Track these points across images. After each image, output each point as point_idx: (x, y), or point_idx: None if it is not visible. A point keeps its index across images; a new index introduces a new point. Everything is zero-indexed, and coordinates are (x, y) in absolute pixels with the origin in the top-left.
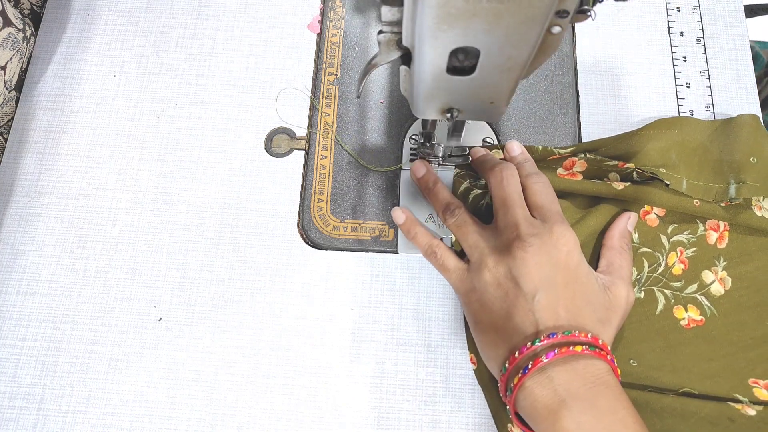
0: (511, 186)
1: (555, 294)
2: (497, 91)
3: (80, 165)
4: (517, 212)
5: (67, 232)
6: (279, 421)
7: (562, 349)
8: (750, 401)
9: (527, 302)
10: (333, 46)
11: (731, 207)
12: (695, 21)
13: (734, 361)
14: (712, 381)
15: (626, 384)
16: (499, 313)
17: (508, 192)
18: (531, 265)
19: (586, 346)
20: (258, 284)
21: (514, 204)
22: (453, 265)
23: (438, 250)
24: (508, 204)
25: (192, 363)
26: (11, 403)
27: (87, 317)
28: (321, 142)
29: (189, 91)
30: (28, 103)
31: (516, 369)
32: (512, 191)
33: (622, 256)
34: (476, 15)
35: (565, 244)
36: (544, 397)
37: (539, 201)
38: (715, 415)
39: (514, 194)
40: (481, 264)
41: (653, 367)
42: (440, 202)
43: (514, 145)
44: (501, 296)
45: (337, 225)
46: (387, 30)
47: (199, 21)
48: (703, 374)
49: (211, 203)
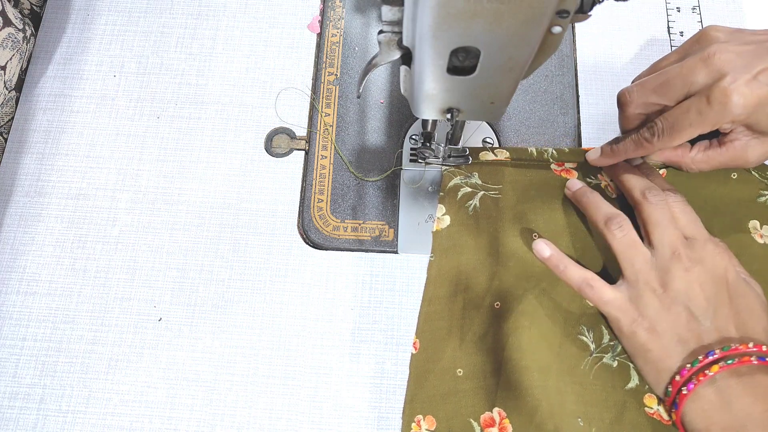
0: (664, 208)
1: (724, 313)
2: (497, 91)
3: (80, 165)
4: (672, 234)
5: (67, 232)
6: (279, 421)
7: (736, 360)
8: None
9: (699, 325)
10: (333, 46)
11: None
12: (695, 21)
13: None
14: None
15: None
16: (670, 340)
17: (660, 213)
18: (697, 287)
19: (758, 357)
20: (258, 284)
21: (670, 225)
22: (611, 296)
23: (594, 283)
24: (663, 225)
25: (192, 363)
26: (11, 403)
27: (87, 317)
28: (321, 143)
29: (189, 91)
30: (28, 103)
31: (686, 382)
32: (665, 214)
33: (659, 210)
34: (476, 15)
35: (722, 260)
36: (723, 421)
37: (684, 220)
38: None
39: (667, 215)
40: (647, 290)
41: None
42: (603, 213)
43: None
44: (672, 321)
45: (337, 225)
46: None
47: (199, 21)
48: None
49: (211, 203)
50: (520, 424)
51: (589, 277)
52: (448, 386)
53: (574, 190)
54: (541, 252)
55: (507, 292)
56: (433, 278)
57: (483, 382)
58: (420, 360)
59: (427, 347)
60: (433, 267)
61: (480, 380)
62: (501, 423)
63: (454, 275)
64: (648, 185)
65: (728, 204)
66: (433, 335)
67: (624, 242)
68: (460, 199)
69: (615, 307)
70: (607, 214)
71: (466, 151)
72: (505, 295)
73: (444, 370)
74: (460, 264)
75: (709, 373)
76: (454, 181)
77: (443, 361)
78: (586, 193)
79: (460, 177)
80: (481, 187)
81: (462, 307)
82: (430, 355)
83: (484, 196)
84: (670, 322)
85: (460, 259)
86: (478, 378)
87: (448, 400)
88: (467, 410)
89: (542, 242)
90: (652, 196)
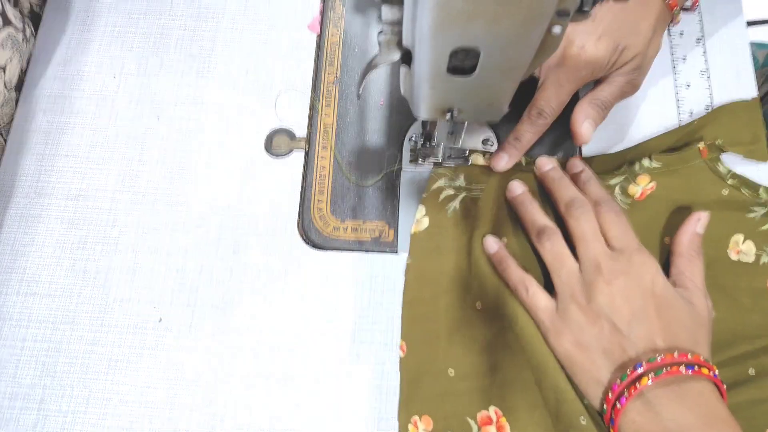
0: (587, 222)
1: (649, 324)
2: (497, 91)
3: (80, 166)
4: (596, 247)
5: (67, 233)
6: (279, 421)
7: (664, 372)
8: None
9: (623, 337)
10: (333, 46)
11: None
12: (695, 21)
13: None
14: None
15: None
16: (595, 353)
17: (584, 228)
18: (620, 300)
19: (686, 366)
20: (258, 285)
21: (593, 239)
22: (544, 304)
23: (530, 286)
24: (586, 239)
25: (192, 363)
26: (11, 404)
27: (87, 318)
28: (321, 143)
29: (189, 91)
30: (27, 104)
31: (618, 397)
32: (588, 228)
33: (692, 263)
34: (476, 15)
35: (647, 271)
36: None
37: (613, 232)
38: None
39: (590, 230)
40: (572, 303)
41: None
42: (536, 224)
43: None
44: (596, 335)
45: (337, 225)
46: (387, 30)
47: (198, 22)
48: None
49: (211, 204)
50: (518, 422)
51: (527, 279)
52: (443, 386)
53: (515, 194)
54: (489, 248)
55: (487, 292)
56: (414, 280)
57: (477, 382)
58: (410, 362)
59: (416, 350)
60: (411, 269)
61: (474, 380)
62: (498, 422)
63: (436, 277)
64: (572, 197)
65: (716, 214)
66: (421, 337)
67: (552, 254)
68: (442, 201)
69: (545, 317)
70: (539, 225)
71: (466, 151)
72: (485, 296)
73: (436, 371)
74: (441, 265)
75: (639, 387)
76: (439, 183)
77: (434, 363)
78: (524, 202)
79: (446, 179)
80: (464, 189)
81: (446, 308)
82: (421, 357)
83: (465, 198)
84: (594, 335)
85: (441, 260)
86: (472, 378)
87: (444, 400)
88: (464, 409)
89: (491, 239)
90: (574, 210)
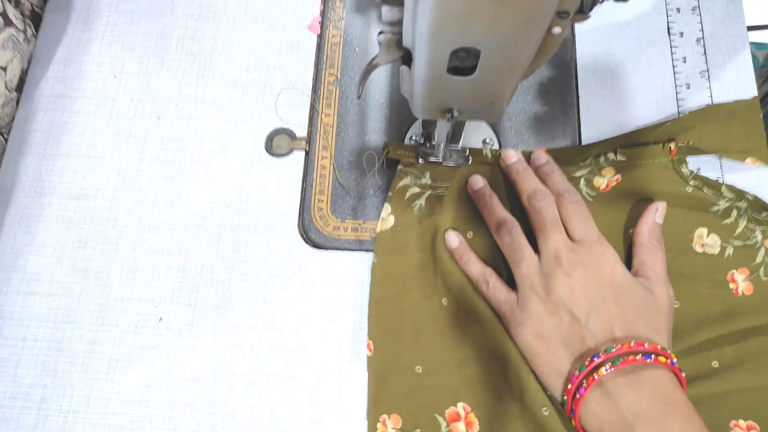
0: (548, 213)
1: (607, 314)
2: (497, 91)
3: (81, 165)
4: (556, 238)
5: (67, 233)
6: (279, 421)
7: (621, 361)
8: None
9: (582, 328)
10: (333, 46)
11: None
12: (695, 21)
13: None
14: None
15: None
16: (555, 344)
17: (544, 219)
18: (578, 290)
19: (643, 355)
20: (258, 284)
21: (553, 230)
22: (504, 297)
23: (490, 279)
24: (546, 230)
25: (192, 363)
26: (11, 403)
27: (87, 317)
28: (321, 143)
29: (189, 91)
30: (28, 104)
31: (578, 388)
32: (549, 219)
33: (653, 253)
34: (476, 15)
35: (607, 262)
36: (613, 422)
37: (574, 223)
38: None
39: (550, 220)
40: (532, 295)
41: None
42: (495, 218)
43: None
44: (555, 326)
45: (337, 225)
46: (387, 30)
47: (199, 22)
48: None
49: (212, 203)
50: (485, 417)
51: (488, 273)
52: (410, 384)
53: (475, 189)
54: (450, 243)
55: (452, 289)
56: (379, 279)
57: (444, 379)
58: (377, 361)
59: (382, 348)
60: (377, 268)
61: (441, 377)
62: (467, 417)
63: (401, 275)
64: (534, 188)
65: (679, 210)
66: (387, 335)
67: (512, 247)
68: (407, 200)
69: (506, 309)
70: (498, 219)
71: (466, 151)
72: (451, 292)
73: (403, 369)
74: (405, 264)
75: (597, 377)
76: (404, 182)
77: (401, 360)
78: (485, 196)
79: (411, 177)
80: (430, 186)
81: (412, 306)
82: (387, 355)
83: (431, 196)
84: (554, 326)
85: (405, 258)
86: (439, 375)
87: (412, 397)
88: (432, 406)
89: (452, 234)
90: (536, 201)
